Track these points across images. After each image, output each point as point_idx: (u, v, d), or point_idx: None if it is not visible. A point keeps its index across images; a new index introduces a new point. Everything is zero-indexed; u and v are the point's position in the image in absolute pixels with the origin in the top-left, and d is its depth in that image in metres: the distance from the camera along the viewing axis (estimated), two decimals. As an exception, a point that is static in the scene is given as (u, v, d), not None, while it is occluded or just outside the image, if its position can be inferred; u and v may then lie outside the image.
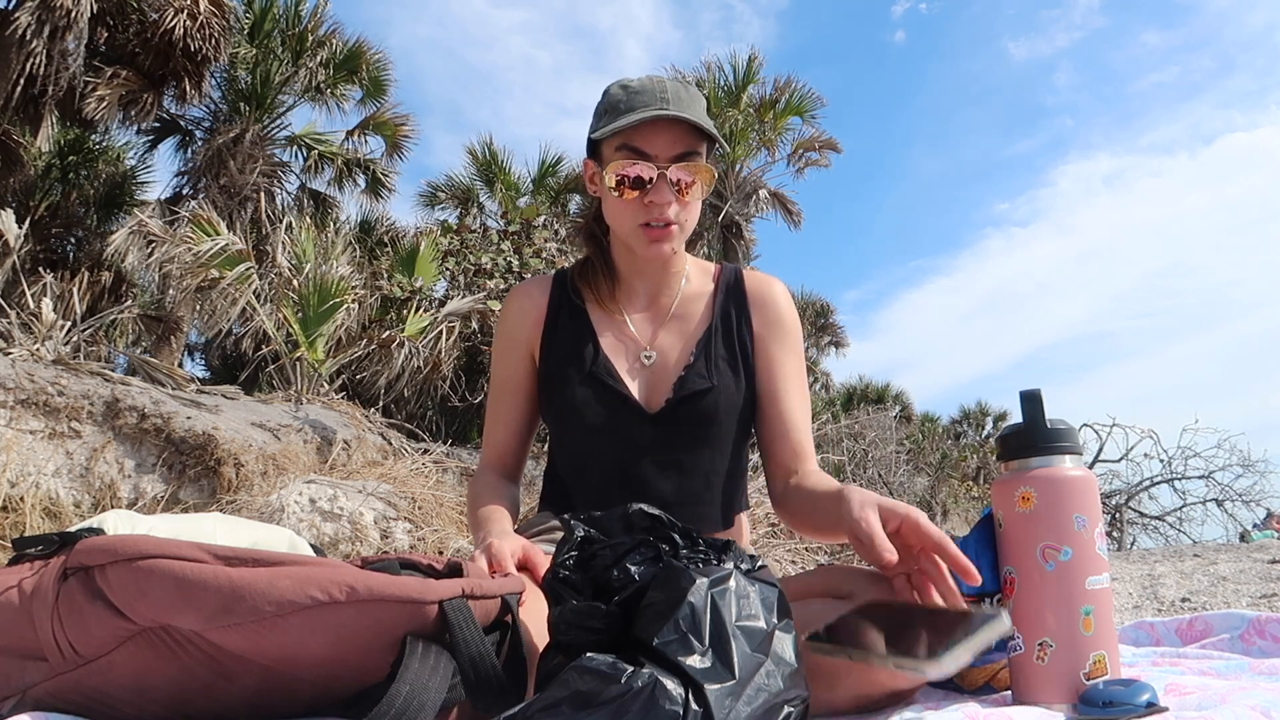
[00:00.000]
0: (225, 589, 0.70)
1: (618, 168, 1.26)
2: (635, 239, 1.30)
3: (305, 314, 6.00)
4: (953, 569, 0.90)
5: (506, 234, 7.62)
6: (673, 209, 1.26)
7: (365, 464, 4.68)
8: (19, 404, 3.95)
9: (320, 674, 0.76)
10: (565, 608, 0.79)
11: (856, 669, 0.86)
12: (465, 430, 6.93)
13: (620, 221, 1.31)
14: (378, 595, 0.73)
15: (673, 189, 1.26)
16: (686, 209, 1.29)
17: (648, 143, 1.25)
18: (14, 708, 0.76)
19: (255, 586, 0.71)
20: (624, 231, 1.31)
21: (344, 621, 0.73)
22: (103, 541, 0.74)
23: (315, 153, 11.14)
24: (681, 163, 1.26)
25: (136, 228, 8.04)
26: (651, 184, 1.26)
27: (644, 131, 1.25)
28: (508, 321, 1.43)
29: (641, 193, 1.26)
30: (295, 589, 0.71)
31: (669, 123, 1.25)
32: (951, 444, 14.69)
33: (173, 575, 0.70)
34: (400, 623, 0.75)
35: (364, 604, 0.73)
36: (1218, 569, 3.26)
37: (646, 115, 1.23)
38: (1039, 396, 0.97)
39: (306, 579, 0.72)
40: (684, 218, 1.29)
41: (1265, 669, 1.08)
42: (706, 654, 0.70)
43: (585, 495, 1.34)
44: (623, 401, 1.32)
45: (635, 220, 1.28)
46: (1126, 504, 8.80)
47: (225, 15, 9.21)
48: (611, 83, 1.34)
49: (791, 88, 12.04)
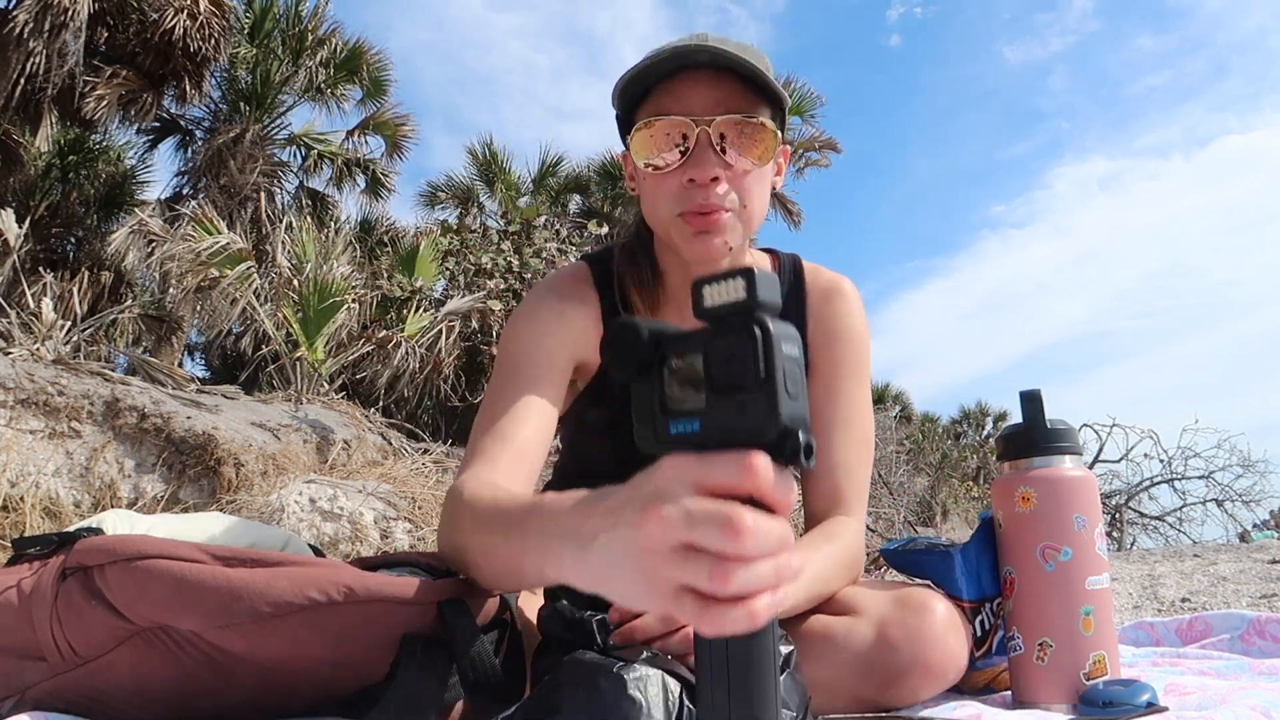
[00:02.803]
0: (224, 589, 0.70)
1: (642, 137, 0.97)
2: (677, 234, 1.00)
3: (305, 314, 6.00)
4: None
5: (506, 234, 7.62)
6: (721, 188, 0.95)
7: (365, 464, 4.68)
8: (19, 404, 3.94)
9: (319, 674, 0.76)
10: (557, 607, 0.79)
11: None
12: (465, 430, 6.91)
13: (655, 212, 1.01)
14: (375, 595, 0.73)
15: (719, 158, 0.95)
16: (743, 188, 0.98)
17: (680, 99, 0.96)
18: (14, 707, 0.76)
19: (253, 587, 0.70)
20: (662, 225, 1.02)
21: (342, 622, 0.73)
22: (101, 541, 0.74)
23: (315, 153, 11.13)
24: (725, 119, 0.94)
25: (137, 227, 8.04)
26: (689, 153, 0.95)
27: (676, 85, 0.96)
28: (552, 327, 1.08)
29: (680, 169, 0.96)
30: (293, 589, 0.71)
31: (711, 73, 0.95)
32: (951, 444, 14.66)
33: (171, 575, 0.70)
34: (398, 623, 0.75)
35: (362, 604, 0.73)
36: (1218, 569, 3.26)
37: (680, 47, 0.93)
38: (1039, 396, 0.97)
39: (304, 579, 0.72)
40: (739, 200, 0.98)
41: (1265, 669, 1.08)
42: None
43: None
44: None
45: (672, 207, 0.98)
46: (1126, 504, 8.80)
47: (225, 15, 9.20)
48: None
49: (791, 87, 12.02)
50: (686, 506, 0.45)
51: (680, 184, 0.97)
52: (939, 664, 0.90)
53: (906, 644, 0.89)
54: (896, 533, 6.55)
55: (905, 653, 0.89)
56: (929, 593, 0.95)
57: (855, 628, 0.92)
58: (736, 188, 0.98)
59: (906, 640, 0.89)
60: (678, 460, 0.47)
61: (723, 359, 0.47)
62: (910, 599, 0.93)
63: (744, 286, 0.47)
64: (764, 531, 0.43)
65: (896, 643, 0.89)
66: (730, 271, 0.48)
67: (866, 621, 0.92)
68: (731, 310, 0.47)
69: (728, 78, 0.96)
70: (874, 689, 0.90)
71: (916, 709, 0.92)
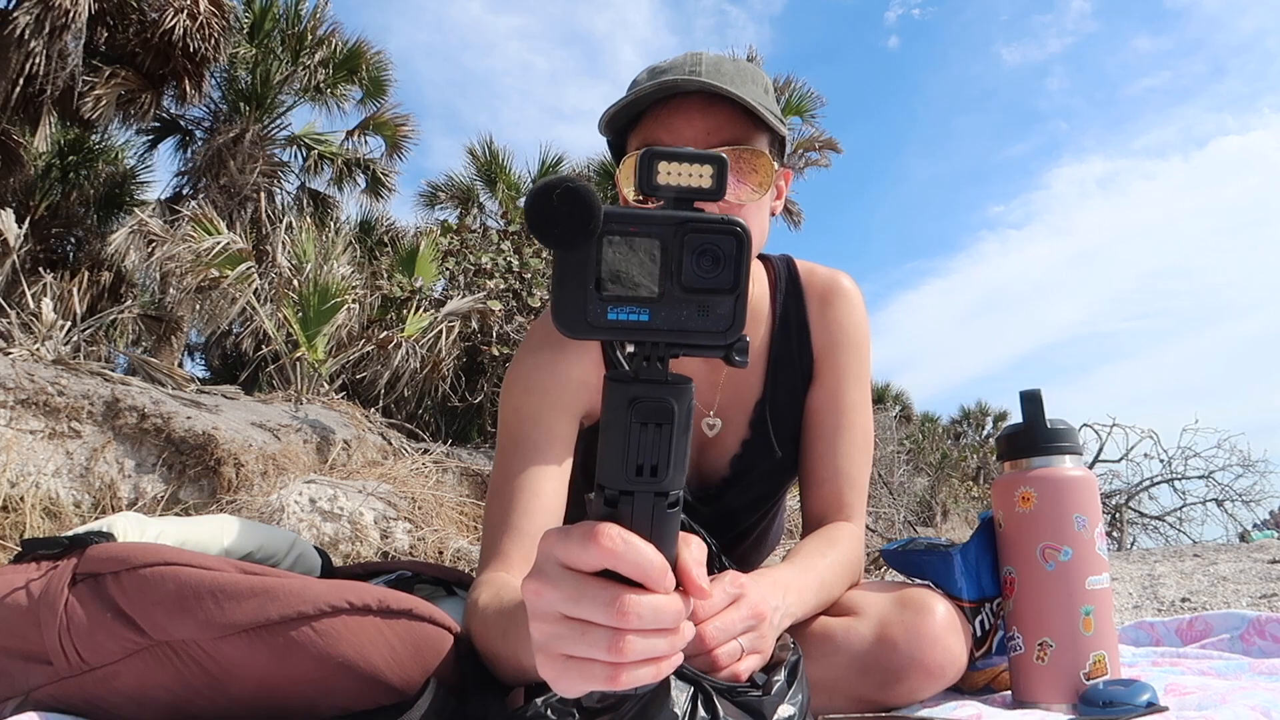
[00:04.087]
0: (259, 591, 0.70)
1: (633, 168, 0.95)
2: None
3: (305, 314, 5.99)
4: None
5: (506, 234, 7.61)
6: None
7: (365, 464, 4.68)
8: (19, 404, 3.94)
9: (319, 699, 0.76)
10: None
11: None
12: (465, 430, 6.92)
13: None
14: (406, 607, 0.74)
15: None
16: (740, 218, 0.99)
17: (671, 129, 0.92)
18: (17, 708, 0.76)
19: (289, 588, 0.70)
20: None
21: (368, 634, 0.72)
22: (115, 549, 0.74)
23: (315, 153, 11.12)
24: (724, 149, 0.90)
25: (136, 227, 8.03)
26: None
27: (667, 115, 0.92)
28: (557, 380, 1.02)
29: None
30: (331, 591, 0.71)
31: (703, 100, 0.92)
32: (951, 444, 14.66)
33: (189, 582, 0.70)
34: (423, 643, 0.74)
35: (394, 615, 0.73)
36: (1218, 569, 3.26)
37: (669, 78, 0.88)
38: (1039, 396, 0.97)
39: (339, 585, 0.72)
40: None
41: (1265, 669, 1.09)
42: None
43: None
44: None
45: None
46: (1126, 504, 8.80)
47: (225, 15, 9.20)
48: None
49: (791, 87, 12.01)
50: (568, 588, 0.46)
51: None
52: (938, 664, 0.90)
53: (906, 644, 0.90)
54: (896, 533, 6.55)
55: (905, 652, 0.89)
56: (929, 593, 0.95)
57: (855, 628, 0.92)
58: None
59: (906, 640, 0.90)
60: (549, 536, 0.48)
61: (695, 252, 0.43)
62: (910, 599, 0.94)
63: (713, 175, 0.44)
64: (650, 608, 0.45)
65: (896, 642, 0.90)
66: (696, 154, 0.44)
67: (866, 621, 0.93)
68: (695, 195, 0.44)
69: (722, 104, 0.93)
70: (874, 688, 0.90)
71: (916, 708, 0.92)
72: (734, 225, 0.44)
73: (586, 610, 0.45)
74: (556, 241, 0.42)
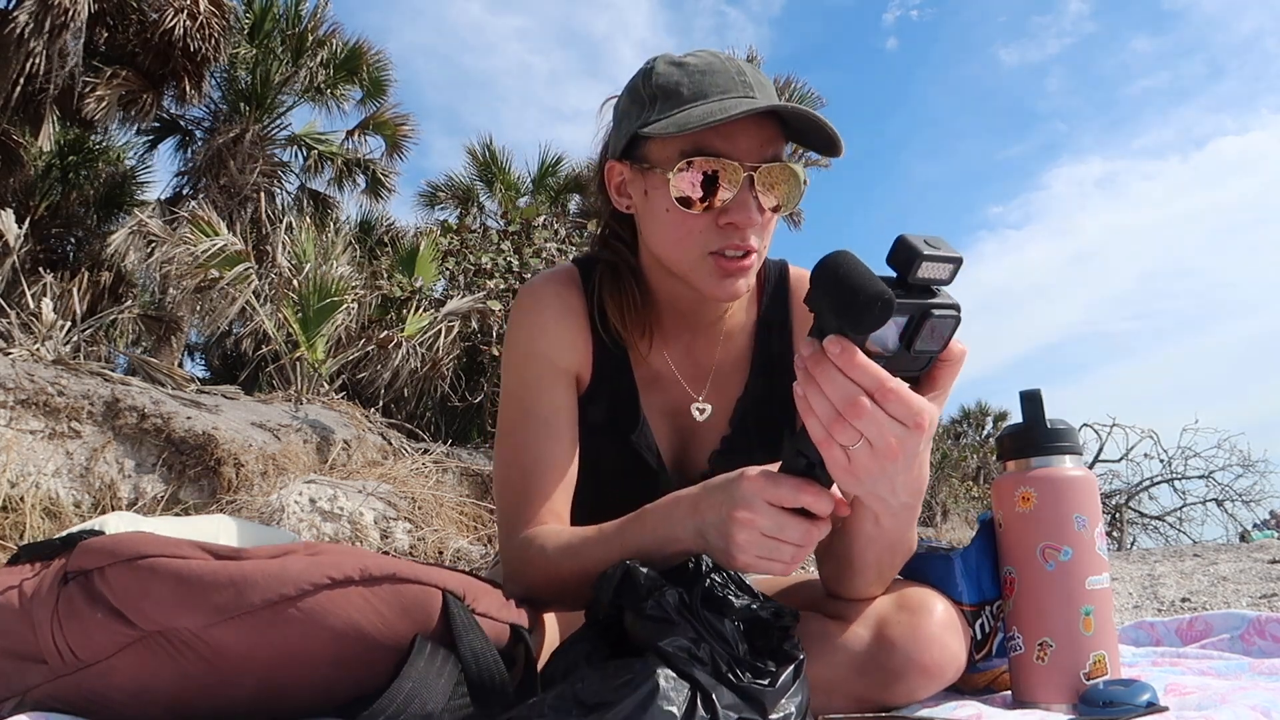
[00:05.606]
0: (238, 579, 0.70)
1: (688, 176, 0.95)
2: (700, 272, 0.99)
3: (305, 314, 6.00)
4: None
5: (506, 234, 7.61)
6: (754, 231, 0.97)
7: (365, 464, 4.68)
8: (19, 404, 3.94)
9: (320, 676, 0.76)
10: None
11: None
12: (465, 430, 6.93)
13: (678, 248, 0.99)
14: (389, 572, 0.75)
15: (756, 204, 0.96)
16: (767, 230, 1.01)
17: (730, 140, 0.95)
18: (14, 708, 0.76)
19: (268, 571, 0.71)
20: (682, 261, 1.00)
21: (354, 605, 0.73)
22: (101, 543, 0.74)
23: (315, 153, 11.13)
24: (770, 166, 0.96)
25: (136, 228, 8.03)
26: (733, 197, 0.95)
27: (727, 127, 0.94)
28: (550, 343, 1.08)
29: (714, 210, 0.96)
30: (311, 569, 0.72)
31: (756, 117, 0.95)
32: (951, 444, 14.67)
33: (174, 573, 0.70)
34: (411, 603, 0.75)
35: (377, 582, 0.74)
36: (1218, 569, 3.26)
37: (739, 110, 0.91)
38: (1039, 396, 0.97)
39: (317, 562, 0.73)
40: (765, 244, 1.01)
41: (1265, 669, 1.09)
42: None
43: None
44: (654, 477, 1.11)
45: (704, 246, 0.97)
46: (1126, 504, 8.81)
47: (225, 15, 9.20)
48: (653, 59, 1.03)
49: (791, 87, 12.02)
50: (774, 517, 0.78)
51: (713, 224, 0.97)
52: (937, 664, 0.90)
53: (905, 643, 0.90)
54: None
55: (904, 652, 0.89)
56: (927, 592, 0.95)
57: (854, 628, 0.93)
58: (763, 230, 1.00)
59: (905, 640, 0.90)
60: (756, 481, 0.78)
61: (927, 329, 0.67)
62: (908, 599, 0.94)
63: (951, 272, 0.65)
64: (821, 536, 0.80)
65: (895, 642, 0.90)
66: (947, 257, 0.63)
67: (865, 622, 0.93)
68: (935, 284, 0.65)
69: (770, 121, 0.97)
70: (873, 689, 0.90)
71: (916, 708, 0.92)
72: (958, 313, 0.67)
73: (788, 534, 0.78)
74: (854, 326, 0.66)
